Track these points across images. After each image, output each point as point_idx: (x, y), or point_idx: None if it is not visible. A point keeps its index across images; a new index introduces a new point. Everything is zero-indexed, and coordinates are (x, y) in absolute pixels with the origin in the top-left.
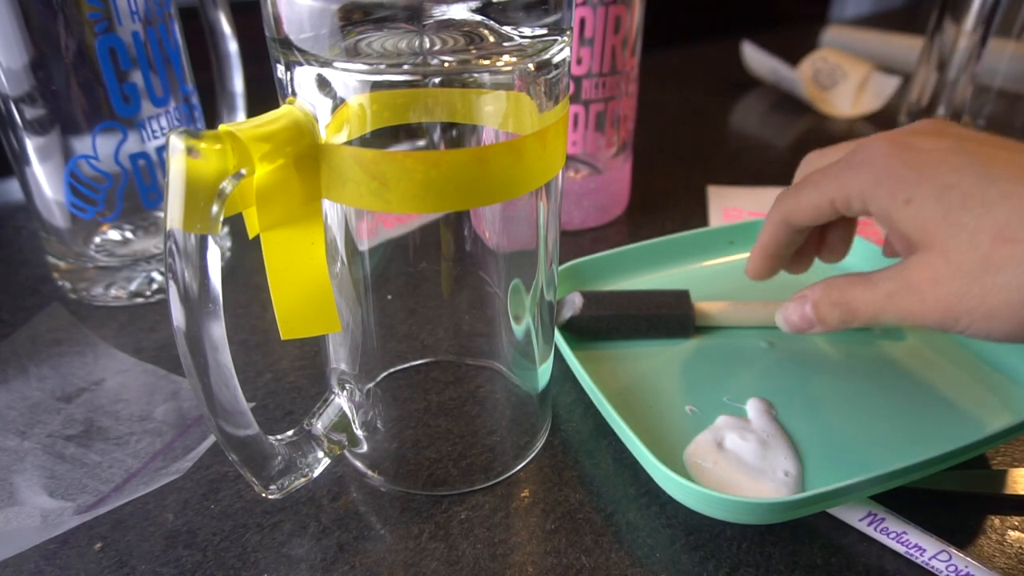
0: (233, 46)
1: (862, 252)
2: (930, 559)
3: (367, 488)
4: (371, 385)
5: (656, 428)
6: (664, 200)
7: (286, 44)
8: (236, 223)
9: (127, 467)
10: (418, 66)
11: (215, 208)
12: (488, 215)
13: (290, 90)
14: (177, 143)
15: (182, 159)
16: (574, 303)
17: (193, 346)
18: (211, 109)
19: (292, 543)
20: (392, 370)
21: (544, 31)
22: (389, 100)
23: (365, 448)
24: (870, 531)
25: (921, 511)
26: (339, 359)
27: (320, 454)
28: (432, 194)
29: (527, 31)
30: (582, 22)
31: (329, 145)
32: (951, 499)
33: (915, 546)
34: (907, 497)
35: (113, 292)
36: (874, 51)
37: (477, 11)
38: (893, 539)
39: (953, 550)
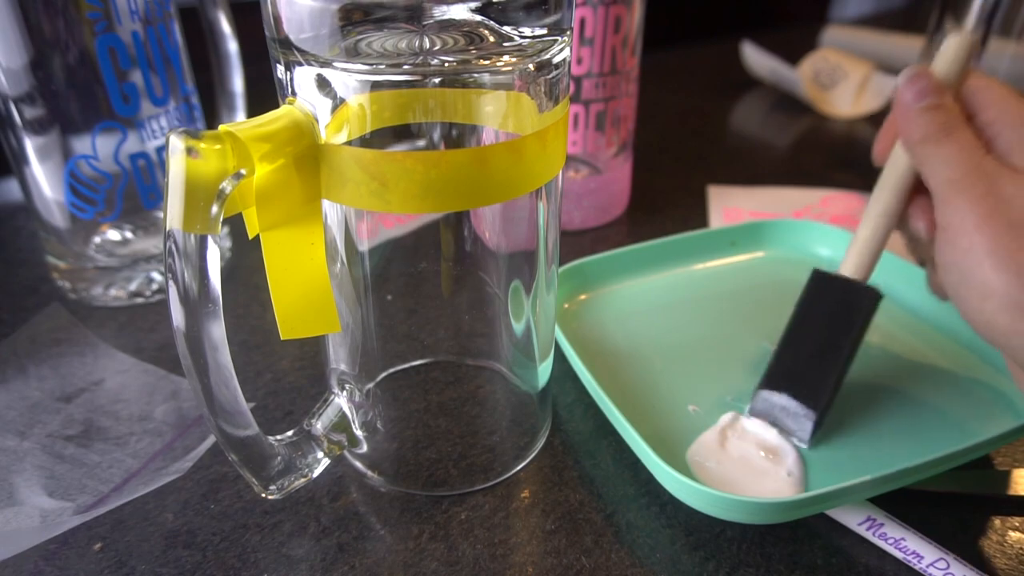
0: (233, 46)
1: (892, 267)
2: (927, 566)
3: (367, 488)
4: (371, 385)
5: (658, 427)
6: (664, 200)
7: (286, 44)
8: (236, 223)
9: (127, 467)
10: (418, 66)
11: (215, 208)
12: (488, 215)
13: (290, 90)
14: (177, 143)
15: (182, 159)
16: (799, 434)
17: (193, 346)
18: (211, 109)
19: (292, 543)
20: (392, 370)
21: (544, 31)
22: (389, 100)
23: (365, 448)
24: (869, 535)
25: (922, 511)
26: (339, 359)
27: (320, 454)
28: (432, 194)
29: (527, 31)
30: (582, 22)
31: (329, 145)
32: (952, 499)
33: (913, 552)
34: (908, 497)
35: (113, 292)
36: (874, 51)
37: (477, 11)
38: (891, 544)
39: (951, 557)
